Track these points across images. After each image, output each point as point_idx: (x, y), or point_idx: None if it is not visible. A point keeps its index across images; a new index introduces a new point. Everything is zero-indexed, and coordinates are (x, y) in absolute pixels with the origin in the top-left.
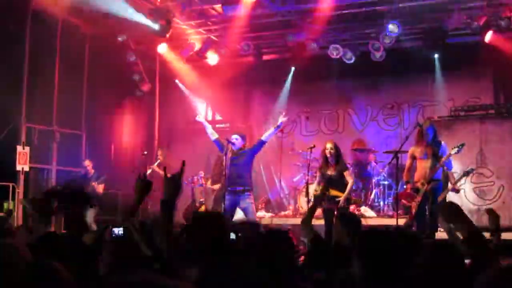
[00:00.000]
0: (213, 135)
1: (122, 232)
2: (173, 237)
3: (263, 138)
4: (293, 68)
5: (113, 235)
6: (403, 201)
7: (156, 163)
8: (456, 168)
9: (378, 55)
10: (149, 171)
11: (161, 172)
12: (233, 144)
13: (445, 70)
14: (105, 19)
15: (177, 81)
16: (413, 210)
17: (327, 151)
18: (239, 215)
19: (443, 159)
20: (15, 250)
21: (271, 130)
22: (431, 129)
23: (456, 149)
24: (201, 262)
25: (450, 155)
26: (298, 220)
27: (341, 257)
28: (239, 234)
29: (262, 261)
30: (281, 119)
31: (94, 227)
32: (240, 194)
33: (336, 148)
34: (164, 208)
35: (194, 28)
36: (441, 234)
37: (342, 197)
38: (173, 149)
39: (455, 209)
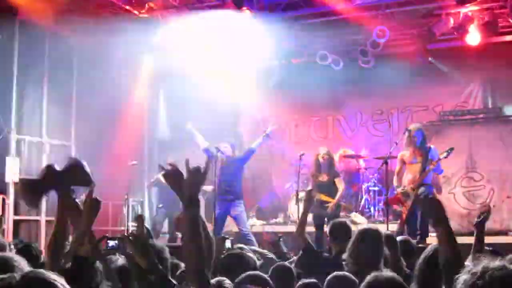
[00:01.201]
0: (203, 144)
1: (116, 244)
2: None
3: (252, 146)
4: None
5: (108, 247)
6: (394, 206)
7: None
8: (446, 172)
9: (366, 61)
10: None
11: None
12: (223, 152)
13: (433, 75)
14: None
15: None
16: (404, 215)
17: (320, 157)
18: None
19: (432, 163)
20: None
21: (260, 139)
22: (419, 133)
23: (446, 153)
24: None
25: (439, 159)
26: (289, 228)
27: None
28: None
29: None
30: (270, 128)
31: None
32: (230, 203)
33: (329, 154)
34: (188, 208)
35: None
36: (432, 240)
37: (332, 202)
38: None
39: (435, 204)
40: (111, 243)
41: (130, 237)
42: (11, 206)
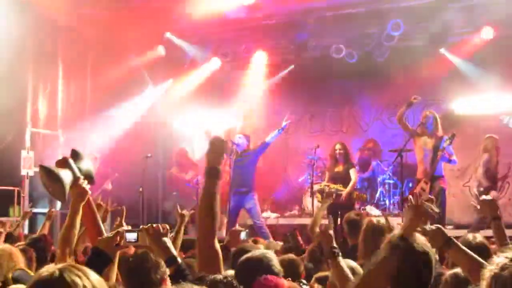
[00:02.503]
0: None
1: (135, 237)
2: None
3: (267, 140)
4: (291, 66)
5: (127, 240)
6: None
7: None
8: (462, 164)
9: (381, 54)
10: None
11: (181, 175)
12: (237, 145)
13: (448, 67)
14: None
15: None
16: None
17: (336, 152)
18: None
19: (439, 152)
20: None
21: (275, 132)
22: (431, 117)
23: (448, 140)
24: None
25: (444, 148)
26: (304, 220)
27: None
28: None
29: None
30: (285, 121)
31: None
32: (244, 195)
33: (345, 148)
34: (210, 176)
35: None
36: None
37: (345, 191)
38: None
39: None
40: (130, 236)
41: (149, 230)
42: (26, 199)
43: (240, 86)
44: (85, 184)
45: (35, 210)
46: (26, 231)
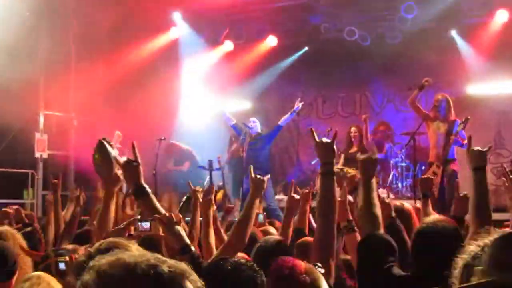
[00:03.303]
0: (231, 120)
1: (148, 226)
2: None
3: (280, 122)
4: (305, 48)
5: (140, 229)
6: None
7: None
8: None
9: (394, 37)
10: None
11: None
12: (250, 128)
13: (461, 51)
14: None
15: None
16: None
17: (351, 134)
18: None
19: (452, 137)
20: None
21: (288, 115)
22: (444, 100)
23: (462, 125)
24: None
25: (457, 132)
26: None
27: None
28: None
29: None
30: (298, 103)
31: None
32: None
33: (360, 131)
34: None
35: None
36: None
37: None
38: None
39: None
40: (143, 224)
41: (162, 219)
42: (40, 182)
43: (252, 69)
44: (119, 171)
45: (46, 193)
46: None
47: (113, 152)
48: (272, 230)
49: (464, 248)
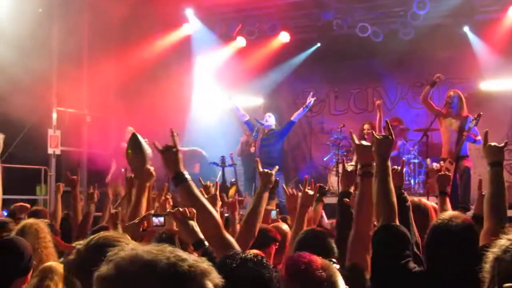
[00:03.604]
0: (245, 117)
1: (162, 221)
2: None
3: (292, 118)
4: (318, 44)
5: (154, 225)
6: None
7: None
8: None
9: (406, 33)
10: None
11: None
12: (265, 122)
13: (474, 47)
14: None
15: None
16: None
17: (364, 132)
18: None
19: (464, 133)
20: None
21: (300, 110)
22: (456, 96)
23: (475, 121)
24: None
25: (469, 129)
26: (329, 200)
27: None
28: None
29: None
30: (310, 99)
31: None
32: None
33: (373, 128)
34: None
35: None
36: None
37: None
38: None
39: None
40: (157, 220)
41: (176, 214)
42: (53, 178)
43: (264, 65)
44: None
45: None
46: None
47: (146, 146)
48: (284, 226)
49: (495, 243)
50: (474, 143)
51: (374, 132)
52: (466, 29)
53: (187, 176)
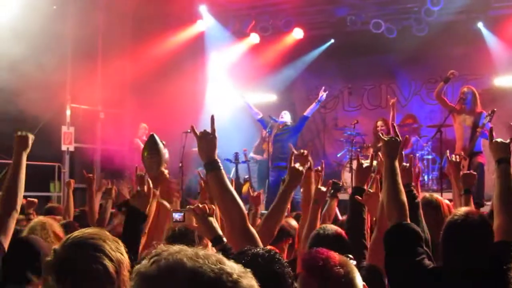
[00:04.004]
0: (258, 114)
1: (181, 217)
2: None
3: (305, 113)
4: (332, 40)
5: (173, 220)
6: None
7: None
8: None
9: (420, 29)
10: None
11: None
12: (276, 121)
13: (488, 42)
14: None
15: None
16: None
17: (378, 128)
18: None
19: (478, 129)
20: None
21: (313, 105)
22: (470, 92)
23: (489, 117)
24: None
25: (484, 124)
26: (342, 196)
27: None
28: None
29: None
30: (322, 93)
31: None
32: (283, 170)
33: (386, 124)
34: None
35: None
36: (486, 208)
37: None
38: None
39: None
40: (176, 215)
41: (196, 210)
42: (67, 175)
43: (278, 61)
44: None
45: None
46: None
47: (163, 148)
48: (293, 222)
49: None
50: (488, 139)
51: (382, 133)
52: (480, 25)
53: (220, 164)
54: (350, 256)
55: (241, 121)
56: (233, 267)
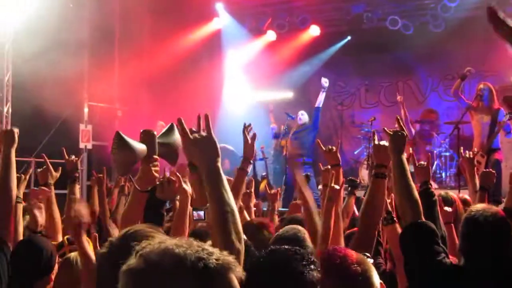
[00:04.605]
0: (271, 124)
1: (203, 215)
2: None
3: (316, 105)
4: (348, 37)
5: (194, 219)
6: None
7: None
8: None
9: (437, 25)
10: None
11: None
12: (292, 117)
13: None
14: None
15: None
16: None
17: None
18: None
19: (497, 127)
20: None
21: (320, 95)
22: (487, 89)
23: (508, 115)
24: None
25: (503, 122)
26: (360, 193)
27: None
28: None
29: None
30: (324, 80)
31: None
32: (300, 167)
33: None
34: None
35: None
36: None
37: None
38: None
39: None
40: (196, 213)
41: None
42: (84, 172)
43: (295, 59)
44: (155, 166)
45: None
46: None
47: (139, 150)
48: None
49: None
50: (506, 136)
51: (385, 128)
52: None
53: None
54: (367, 254)
55: (257, 119)
56: (213, 249)
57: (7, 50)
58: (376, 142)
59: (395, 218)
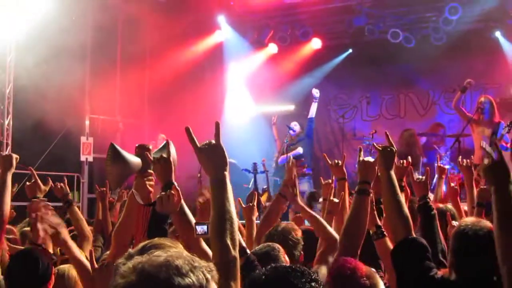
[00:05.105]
0: (275, 137)
1: (205, 230)
2: None
3: (309, 116)
4: (350, 50)
5: (197, 233)
6: None
7: None
8: None
9: (438, 39)
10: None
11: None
12: (293, 130)
13: (506, 51)
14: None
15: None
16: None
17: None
18: None
19: (496, 140)
20: None
21: (312, 106)
22: (487, 101)
23: (507, 128)
24: None
25: (502, 135)
26: None
27: None
28: None
29: None
30: (314, 90)
31: None
32: (299, 177)
33: (412, 135)
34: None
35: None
36: None
37: None
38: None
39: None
40: (200, 228)
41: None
42: (85, 185)
43: (296, 71)
44: (150, 181)
45: (91, 196)
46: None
47: (134, 163)
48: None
49: None
50: (506, 150)
51: (375, 144)
52: (498, 34)
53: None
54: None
55: (259, 131)
56: (195, 267)
57: (8, 62)
58: (361, 158)
59: (384, 232)
